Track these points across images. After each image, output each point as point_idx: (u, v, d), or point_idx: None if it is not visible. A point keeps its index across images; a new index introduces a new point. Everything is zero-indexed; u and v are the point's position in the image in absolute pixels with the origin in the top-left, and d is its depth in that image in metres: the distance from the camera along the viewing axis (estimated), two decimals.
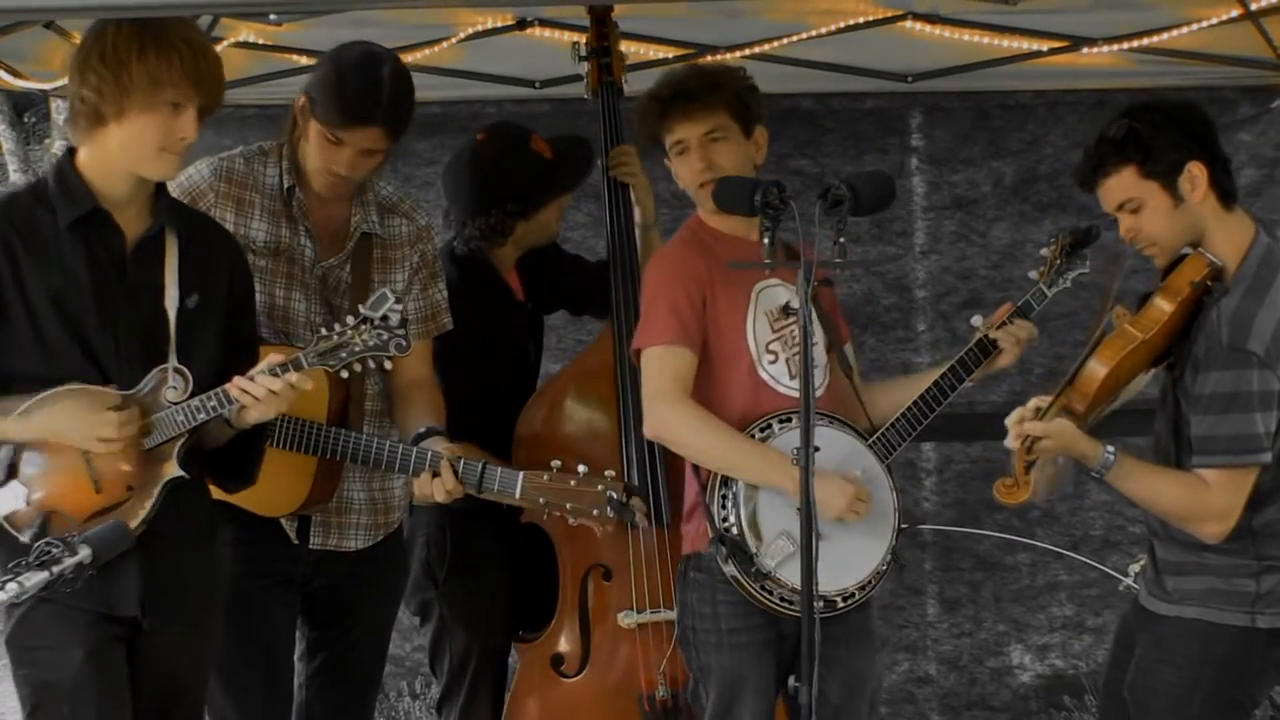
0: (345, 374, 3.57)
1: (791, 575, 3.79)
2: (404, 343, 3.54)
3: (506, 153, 4.55)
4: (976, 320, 4.12)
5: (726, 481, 3.87)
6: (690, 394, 3.91)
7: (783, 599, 3.84)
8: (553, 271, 4.73)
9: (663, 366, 3.90)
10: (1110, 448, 3.61)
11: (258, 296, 3.89)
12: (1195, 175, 3.61)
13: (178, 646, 3.60)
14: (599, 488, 3.86)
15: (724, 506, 3.86)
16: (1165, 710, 3.67)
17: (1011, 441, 3.60)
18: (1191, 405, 3.60)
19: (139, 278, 3.49)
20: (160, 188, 3.56)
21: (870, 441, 3.97)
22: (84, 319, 3.44)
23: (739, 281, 3.92)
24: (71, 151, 3.51)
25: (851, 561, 3.88)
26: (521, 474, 3.89)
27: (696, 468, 3.94)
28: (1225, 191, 3.66)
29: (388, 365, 3.61)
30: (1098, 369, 3.61)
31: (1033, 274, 4.17)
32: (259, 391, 3.43)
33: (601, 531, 3.96)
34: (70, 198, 3.46)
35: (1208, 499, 3.58)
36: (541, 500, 3.89)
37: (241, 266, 3.73)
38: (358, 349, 3.52)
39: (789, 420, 3.87)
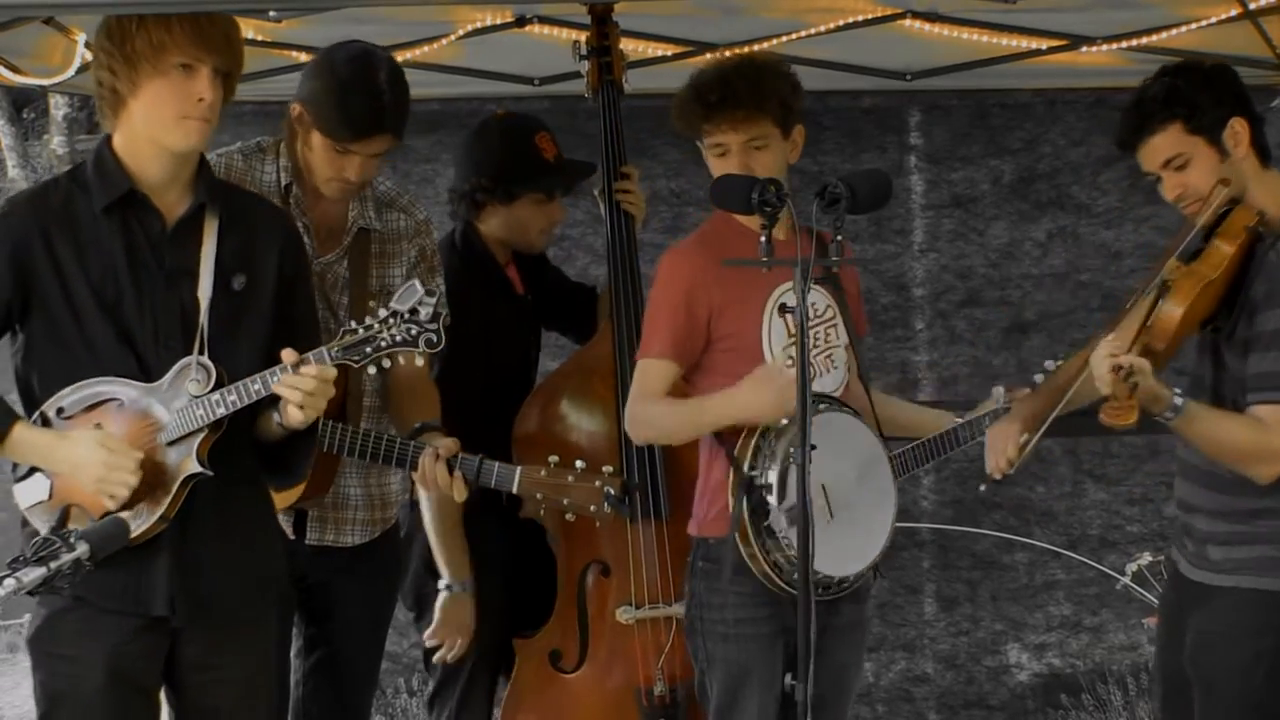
0: (373, 369, 3.36)
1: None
2: (435, 338, 3.34)
3: (506, 133, 4.60)
4: (998, 391, 4.19)
5: (764, 434, 3.81)
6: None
7: (788, 583, 3.77)
8: (537, 277, 4.73)
9: (644, 376, 3.92)
10: (1179, 390, 3.53)
11: None
12: (1238, 131, 3.59)
13: (217, 655, 3.47)
14: (596, 484, 3.87)
15: (755, 459, 3.81)
16: (1230, 683, 3.59)
17: (1106, 376, 3.40)
18: (1251, 346, 3.54)
19: (178, 262, 3.40)
20: (203, 168, 3.48)
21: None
22: (122, 304, 3.37)
23: (758, 284, 3.89)
24: (110, 137, 3.44)
25: (858, 545, 3.87)
26: (519, 469, 3.90)
27: (720, 442, 3.89)
28: (1263, 149, 3.65)
29: (402, 361, 3.38)
30: (1174, 310, 3.51)
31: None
32: (288, 391, 3.28)
33: (599, 526, 3.96)
34: (106, 180, 3.39)
35: (1268, 438, 3.51)
36: (538, 496, 3.89)
37: (293, 245, 3.61)
38: (384, 344, 3.32)
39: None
